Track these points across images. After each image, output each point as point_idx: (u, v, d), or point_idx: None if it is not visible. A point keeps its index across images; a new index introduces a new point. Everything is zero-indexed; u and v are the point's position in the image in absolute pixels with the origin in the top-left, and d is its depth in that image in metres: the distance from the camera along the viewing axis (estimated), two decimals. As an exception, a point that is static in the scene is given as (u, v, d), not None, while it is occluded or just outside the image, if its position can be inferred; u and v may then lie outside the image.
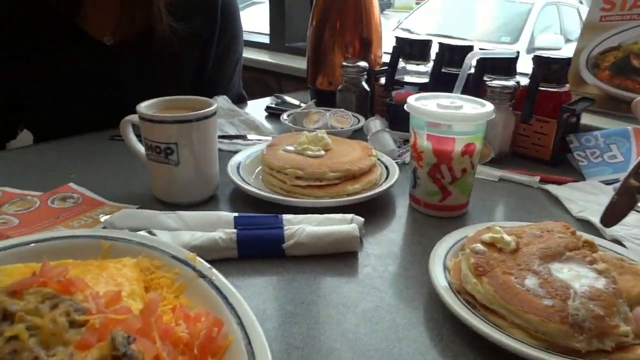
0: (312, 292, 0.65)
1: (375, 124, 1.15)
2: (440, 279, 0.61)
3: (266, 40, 2.31)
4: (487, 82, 1.06)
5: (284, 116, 1.24)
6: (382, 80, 1.34)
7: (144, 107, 0.83)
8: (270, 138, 1.13)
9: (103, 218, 0.75)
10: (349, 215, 0.76)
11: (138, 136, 0.89)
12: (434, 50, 1.24)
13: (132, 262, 0.58)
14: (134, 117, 0.85)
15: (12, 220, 0.74)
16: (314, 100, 1.37)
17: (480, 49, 1.05)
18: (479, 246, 0.61)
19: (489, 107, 0.79)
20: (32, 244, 0.61)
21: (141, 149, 0.89)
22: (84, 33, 1.20)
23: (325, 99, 1.38)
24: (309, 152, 0.90)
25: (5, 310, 0.42)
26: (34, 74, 1.20)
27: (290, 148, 0.93)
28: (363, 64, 1.27)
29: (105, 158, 1.09)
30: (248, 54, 2.04)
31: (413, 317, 0.61)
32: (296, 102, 1.46)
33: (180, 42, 1.24)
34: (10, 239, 0.64)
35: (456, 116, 0.77)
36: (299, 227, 0.72)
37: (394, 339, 0.57)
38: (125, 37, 1.23)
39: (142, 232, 0.67)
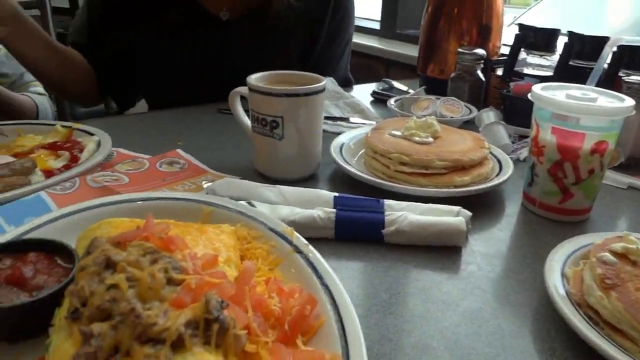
0: (409, 284, 0.61)
1: (489, 115, 1.07)
2: (557, 288, 0.54)
3: (376, 26, 2.27)
4: (623, 78, 0.95)
5: (391, 101, 1.20)
6: (499, 71, 1.25)
7: (254, 79, 0.82)
8: (373, 122, 1.09)
9: (206, 185, 0.76)
10: (456, 208, 0.71)
11: (246, 111, 0.89)
12: (561, 41, 1.14)
13: (230, 229, 0.58)
14: (243, 89, 0.85)
15: (123, 178, 0.77)
16: (423, 87, 1.31)
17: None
18: (608, 256, 0.54)
19: (629, 102, 0.70)
20: (140, 202, 0.63)
21: (247, 121, 0.89)
22: (201, 7, 1.23)
23: (435, 87, 1.32)
24: (417, 138, 0.86)
25: (109, 259, 0.42)
26: (151, 47, 1.25)
27: (397, 133, 0.88)
28: (480, 51, 1.19)
29: (212, 129, 1.11)
30: (357, 39, 2.01)
31: (521, 324, 0.55)
32: (404, 88, 1.41)
33: (293, 19, 1.23)
34: (120, 194, 0.66)
35: (589, 109, 0.68)
36: (401, 214, 0.68)
37: (498, 346, 0.52)
38: (241, 13, 1.25)
39: (242, 202, 0.66)
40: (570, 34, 1.10)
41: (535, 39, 1.16)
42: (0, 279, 0.46)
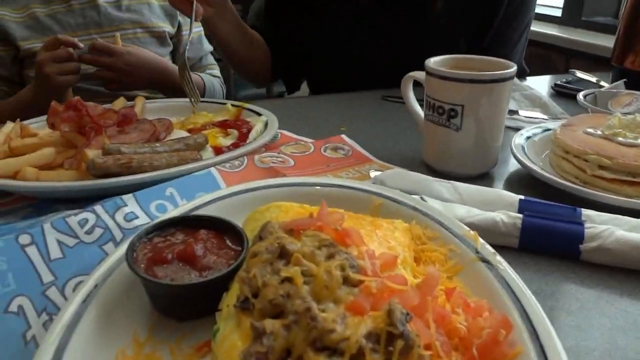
0: (617, 316, 0.50)
1: None
2: None
3: (557, 13, 2.04)
4: None
5: (580, 96, 1.04)
6: None
7: (433, 62, 0.75)
8: (546, 117, 0.96)
9: (373, 174, 0.71)
10: (678, 227, 0.57)
11: (419, 100, 0.83)
12: None
13: (404, 226, 0.51)
14: (418, 74, 0.78)
15: (288, 160, 0.75)
16: (624, 80, 1.12)
17: None
18: None
19: None
20: (308, 187, 0.59)
21: (419, 109, 0.83)
22: None
23: (634, 81, 1.12)
24: (621, 139, 0.72)
25: (283, 247, 0.38)
26: (327, 32, 1.24)
27: (594, 131, 0.75)
28: None
29: (376, 117, 1.06)
30: (533, 26, 1.82)
31: None
32: (593, 80, 1.23)
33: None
34: (287, 177, 0.64)
35: None
36: (606, 228, 0.56)
37: None
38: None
39: (416, 197, 0.59)
40: None
41: None
42: (172, 254, 0.45)
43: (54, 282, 0.49)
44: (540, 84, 1.31)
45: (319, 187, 0.59)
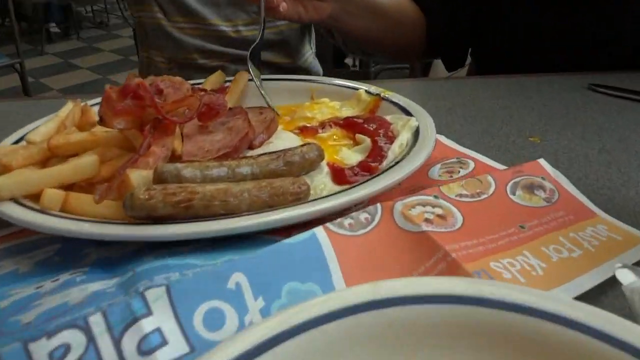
0: None
1: None
2: None
3: None
4: None
5: None
6: None
7: None
8: None
9: (626, 278, 0.35)
10: None
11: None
12: None
13: None
14: None
15: (453, 213, 0.42)
16: None
17: None
18: None
19: None
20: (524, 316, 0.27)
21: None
22: None
23: None
24: None
25: None
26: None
27: None
28: None
29: (580, 116, 0.69)
30: None
31: None
32: None
33: None
34: (472, 278, 0.33)
35: None
36: None
37: None
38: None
39: None
40: None
41: None
42: None
43: None
44: None
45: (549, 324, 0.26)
